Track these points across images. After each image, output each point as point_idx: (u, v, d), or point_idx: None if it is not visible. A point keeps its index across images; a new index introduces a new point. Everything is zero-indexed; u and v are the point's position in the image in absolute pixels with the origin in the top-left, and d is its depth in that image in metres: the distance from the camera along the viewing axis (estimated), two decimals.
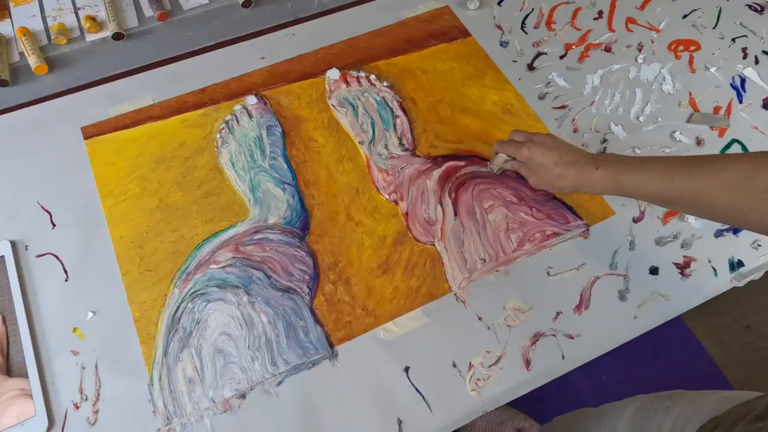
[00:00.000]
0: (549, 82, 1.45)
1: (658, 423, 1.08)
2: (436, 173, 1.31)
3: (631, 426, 1.17)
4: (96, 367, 1.09)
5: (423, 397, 1.07)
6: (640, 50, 1.50)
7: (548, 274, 1.19)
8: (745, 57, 1.49)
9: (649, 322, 1.15)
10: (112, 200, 1.27)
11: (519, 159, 1.20)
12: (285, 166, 1.32)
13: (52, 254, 1.20)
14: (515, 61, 1.49)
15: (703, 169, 0.96)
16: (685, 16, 1.58)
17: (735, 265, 1.21)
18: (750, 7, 1.59)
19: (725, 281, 1.20)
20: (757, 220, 0.92)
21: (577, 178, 1.10)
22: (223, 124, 1.37)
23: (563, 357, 1.11)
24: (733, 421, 0.89)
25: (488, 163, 1.31)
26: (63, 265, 1.19)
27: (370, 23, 1.57)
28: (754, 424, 0.84)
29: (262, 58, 1.49)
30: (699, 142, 1.34)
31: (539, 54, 1.50)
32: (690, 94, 1.43)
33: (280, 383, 1.08)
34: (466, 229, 1.23)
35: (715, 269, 1.21)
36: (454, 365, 1.10)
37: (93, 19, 1.52)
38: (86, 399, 1.06)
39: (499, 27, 1.56)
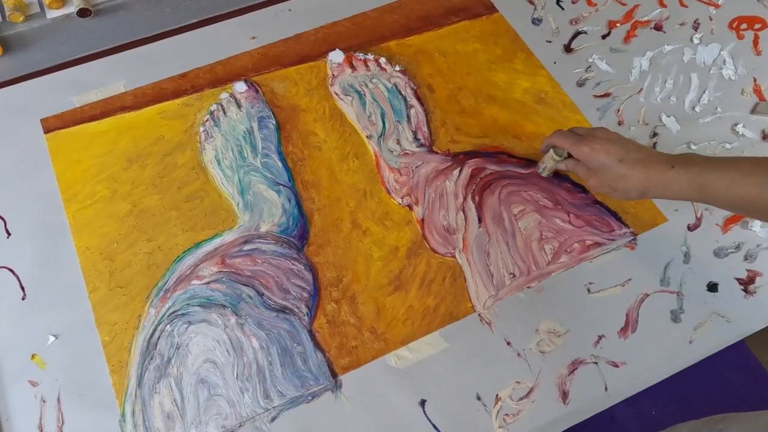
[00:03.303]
0: (589, 66, 1.45)
1: None
2: (457, 173, 1.31)
3: None
4: (58, 400, 1.09)
5: None
6: (696, 29, 1.50)
7: (588, 291, 1.19)
8: None
9: (707, 348, 1.15)
10: (77, 204, 1.27)
11: (577, 155, 1.18)
12: (280, 164, 1.32)
13: (6, 268, 1.21)
14: (550, 42, 1.50)
15: None
16: None
17: None
18: None
19: None
20: None
21: (647, 178, 1.07)
22: (208, 116, 1.38)
23: (606, 388, 1.11)
24: None
25: (538, 164, 1.30)
26: (19, 280, 1.20)
27: None
28: None
29: (253, 37, 1.50)
30: (765, 136, 1.34)
31: (578, 33, 1.51)
32: (755, 80, 1.43)
33: (274, 419, 1.08)
34: (493, 239, 1.23)
35: None
36: (479, 398, 1.10)
37: None
38: None
39: (530, 1, 1.57)
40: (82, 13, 1.51)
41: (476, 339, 1.15)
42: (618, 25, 1.51)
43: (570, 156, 1.21)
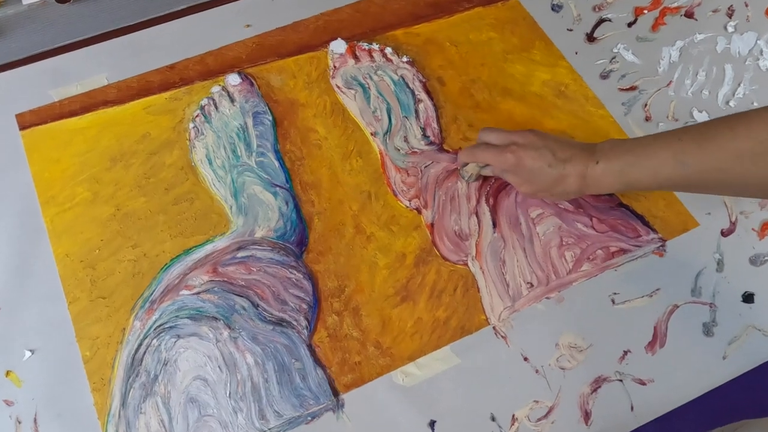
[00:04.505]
0: (614, 57, 1.45)
1: None
2: None
3: None
4: (35, 420, 1.09)
5: None
6: (730, 16, 1.51)
7: (613, 302, 1.19)
8: None
9: (742, 364, 1.15)
10: (56, 208, 1.27)
11: (502, 167, 1.21)
12: (277, 164, 1.32)
13: None
14: (571, 30, 1.50)
15: (715, 142, 1.00)
16: None
17: None
18: None
19: None
20: None
21: (578, 178, 1.14)
22: (198, 111, 1.38)
23: (632, 408, 1.11)
24: None
25: (459, 170, 1.31)
26: None
27: None
28: None
29: (248, 25, 1.50)
30: None
31: (601, 21, 1.51)
32: None
33: None
34: (508, 245, 1.23)
35: None
36: (493, 419, 1.10)
37: None
38: None
39: None
40: None
41: (490, 354, 1.15)
42: (645, 11, 1.51)
43: None
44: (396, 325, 1.17)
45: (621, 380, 1.12)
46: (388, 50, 1.46)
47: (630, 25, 1.50)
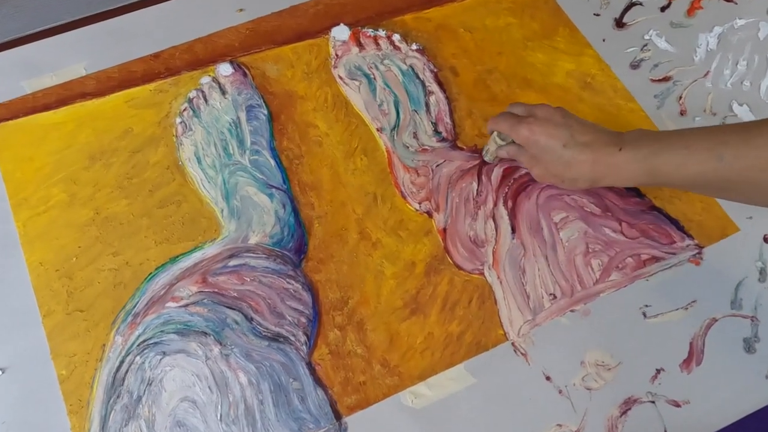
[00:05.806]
0: (646, 45, 1.45)
1: None
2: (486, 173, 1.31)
3: None
4: None
5: None
6: None
7: (644, 315, 1.19)
8: None
9: None
10: (29, 211, 1.27)
11: (516, 140, 1.19)
12: (272, 162, 1.32)
13: None
14: (598, 15, 1.50)
15: (763, 137, 0.96)
16: None
17: None
18: None
19: None
20: None
21: (594, 165, 1.10)
22: (185, 104, 1.38)
23: None
24: None
25: (482, 149, 1.31)
26: None
27: None
28: None
29: (241, 10, 1.50)
30: None
31: (632, 4, 1.51)
32: None
33: None
34: (529, 252, 1.23)
35: None
36: None
37: None
38: None
39: None
40: None
41: (509, 373, 1.15)
42: None
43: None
44: (404, 341, 1.17)
45: (653, 402, 1.12)
46: (396, 37, 1.46)
47: (663, 9, 1.49)
